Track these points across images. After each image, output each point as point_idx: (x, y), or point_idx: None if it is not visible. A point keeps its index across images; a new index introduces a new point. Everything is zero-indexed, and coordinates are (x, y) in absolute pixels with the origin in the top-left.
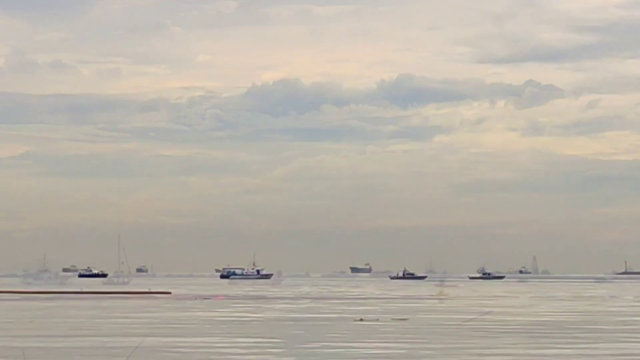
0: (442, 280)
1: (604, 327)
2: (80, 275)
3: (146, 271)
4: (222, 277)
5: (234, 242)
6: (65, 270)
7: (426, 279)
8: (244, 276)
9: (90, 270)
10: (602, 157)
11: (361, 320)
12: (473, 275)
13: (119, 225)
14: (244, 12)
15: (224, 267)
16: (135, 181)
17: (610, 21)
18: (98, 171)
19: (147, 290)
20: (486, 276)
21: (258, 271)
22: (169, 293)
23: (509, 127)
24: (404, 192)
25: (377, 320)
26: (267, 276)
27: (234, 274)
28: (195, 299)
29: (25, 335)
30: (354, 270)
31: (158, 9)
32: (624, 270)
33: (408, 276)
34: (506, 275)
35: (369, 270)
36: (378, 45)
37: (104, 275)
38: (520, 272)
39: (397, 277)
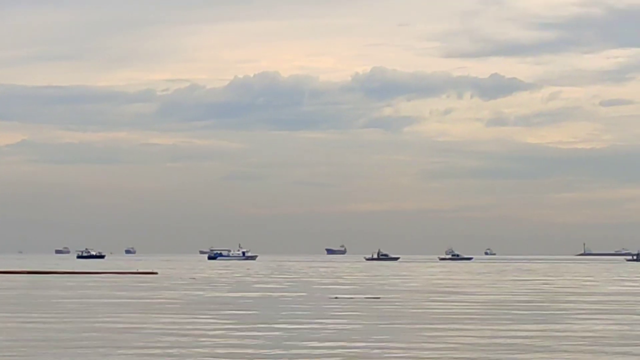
0: None
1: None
2: (79, 257)
3: (134, 252)
4: (210, 258)
5: (217, 225)
6: (57, 251)
7: (399, 260)
8: (230, 257)
9: (89, 252)
10: (562, 146)
11: (336, 298)
12: (443, 256)
13: (110, 209)
14: (226, 9)
15: (211, 248)
16: (124, 168)
17: (569, 18)
18: (89, 158)
19: (135, 270)
20: (455, 257)
21: (244, 253)
22: (156, 273)
23: (475, 118)
24: (376, 178)
25: (352, 298)
26: (252, 257)
27: (221, 255)
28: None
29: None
30: (330, 251)
31: (146, 5)
32: (582, 251)
33: (382, 257)
34: (474, 257)
35: (343, 252)
36: (352, 41)
37: (102, 257)
38: (486, 253)
39: (372, 258)
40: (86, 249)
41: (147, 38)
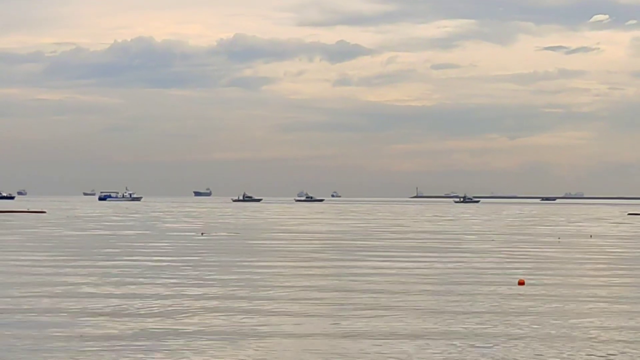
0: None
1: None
2: None
3: (25, 194)
4: (100, 199)
5: (99, 170)
6: None
7: (262, 201)
8: (118, 199)
9: (0, 193)
10: (398, 103)
11: (202, 234)
12: (298, 198)
13: (3, 156)
14: None
15: (100, 190)
16: (17, 120)
17: None
18: None
19: (25, 209)
20: (309, 199)
21: (130, 194)
22: (44, 212)
23: (323, 79)
24: (238, 130)
25: (216, 234)
26: (138, 199)
27: (110, 196)
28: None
29: None
30: (197, 194)
31: None
32: (415, 194)
33: (247, 199)
34: (325, 199)
35: (209, 194)
36: (217, 10)
37: (12, 197)
38: (332, 196)
39: (238, 200)
40: None
41: (35, 5)
